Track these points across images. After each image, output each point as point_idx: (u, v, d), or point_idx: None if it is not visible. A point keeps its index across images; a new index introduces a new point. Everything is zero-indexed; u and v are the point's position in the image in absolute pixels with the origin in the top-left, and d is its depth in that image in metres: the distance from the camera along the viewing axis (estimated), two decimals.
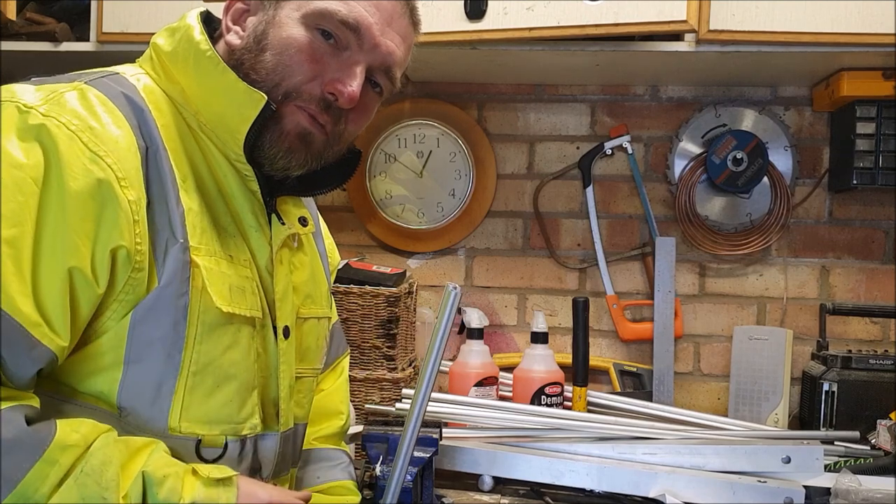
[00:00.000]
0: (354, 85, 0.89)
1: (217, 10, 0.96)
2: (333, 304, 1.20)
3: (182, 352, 0.83)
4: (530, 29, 1.47)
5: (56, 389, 0.81)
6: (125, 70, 0.91)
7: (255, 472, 0.93)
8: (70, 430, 0.75)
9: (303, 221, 1.02)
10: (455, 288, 0.88)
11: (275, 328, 0.94)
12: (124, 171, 0.79)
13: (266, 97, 0.86)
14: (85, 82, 0.83)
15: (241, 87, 0.87)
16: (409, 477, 1.07)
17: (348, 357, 1.29)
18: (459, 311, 1.88)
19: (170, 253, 0.82)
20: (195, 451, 0.85)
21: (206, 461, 0.85)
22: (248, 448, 0.91)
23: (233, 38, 0.91)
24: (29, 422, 0.73)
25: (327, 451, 1.17)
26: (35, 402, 0.76)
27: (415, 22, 0.96)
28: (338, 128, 0.92)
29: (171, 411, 0.83)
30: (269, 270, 0.94)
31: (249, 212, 0.92)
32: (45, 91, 0.80)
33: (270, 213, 0.95)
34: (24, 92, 0.79)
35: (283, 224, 0.96)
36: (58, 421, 0.76)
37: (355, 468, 1.20)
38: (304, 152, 0.91)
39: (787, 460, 1.31)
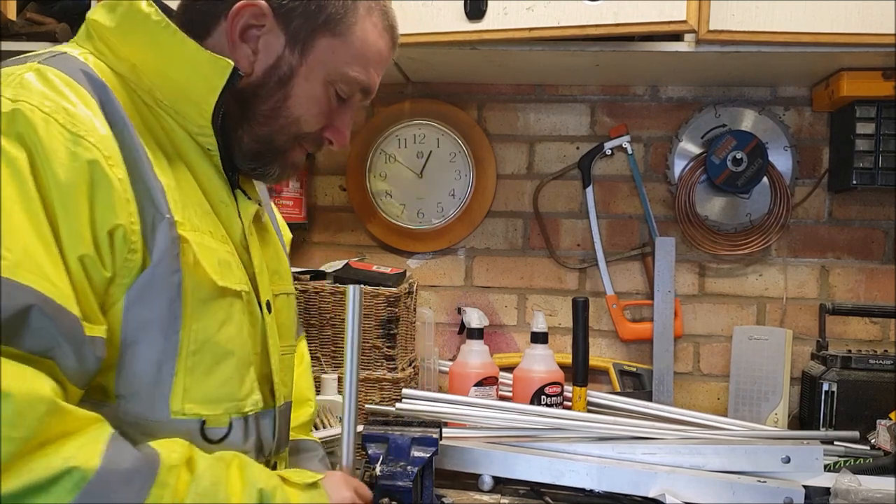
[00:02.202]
0: (349, 131, 0.98)
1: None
2: None
3: (179, 331, 0.81)
4: (530, 29, 1.47)
5: None
6: (68, 50, 0.87)
7: (259, 451, 0.93)
8: (167, 450, 0.76)
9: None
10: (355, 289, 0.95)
11: (259, 304, 0.94)
12: (108, 149, 0.77)
13: (233, 63, 0.86)
14: (39, 62, 0.80)
15: (205, 56, 0.85)
16: (409, 477, 1.07)
17: (305, 341, 1.31)
18: (459, 311, 1.88)
19: (158, 230, 0.80)
20: (200, 432, 0.84)
21: (211, 442, 0.85)
22: (252, 426, 0.90)
23: (242, 60, 0.90)
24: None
25: (304, 441, 1.18)
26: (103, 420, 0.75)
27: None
28: (318, 150, 1.00)
29: (173, 394, 0.81)
30: (244, 246, 0.94)
31: (218, 187, 0.92)
32: (4, 77, 0.77)
33: (234, 189, 0.95)
34: None
35: (249, 199, 0.97)
36: (151, 443, 0.76)
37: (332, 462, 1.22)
38: (294, 174, 1.03)
39: (787, 460, 1.31)
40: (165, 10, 0.91)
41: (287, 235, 1.21)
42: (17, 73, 0.78)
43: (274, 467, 0.98)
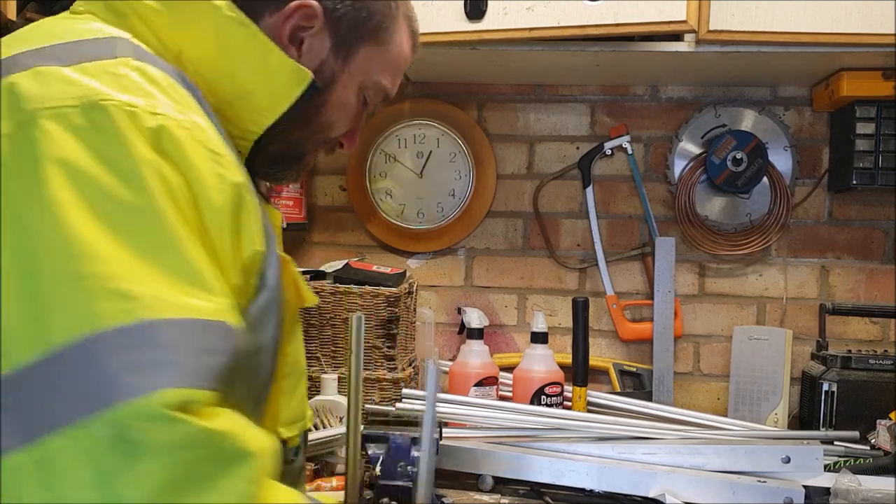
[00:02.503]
0: (357, 136, 0.95)
1: None
2: None
3: (277, 355, 0.78)
4: (530, 29, 1.47)
5: None
6: (119, 35, 0.74)
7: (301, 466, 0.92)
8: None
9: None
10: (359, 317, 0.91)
11: None
12: (239, 170, 0.70)
13: (311, 75, 0.81)
14: (132, 58, 0.69)
15: (288, 66, 0.80)
16: (409, 477, 1.07)
17: None
18: (459, 311, 1.88)
19: (272, 250, 0.75)
20: (281, 454, 0.80)
21: (288, 462, 0.84)
22: (302, 441, 0.89)
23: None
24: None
25: None
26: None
27: None
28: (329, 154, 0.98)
29: (266, 416, 0.78)
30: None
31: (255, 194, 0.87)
32: (107, 77, 0.65)
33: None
34: (89, 83, 0.63)
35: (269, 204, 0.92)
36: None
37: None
38: (300, 178, 0.98)
39: (787, 460, 1.31)
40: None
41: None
42: (119, 71, 0.66)
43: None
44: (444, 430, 1.25)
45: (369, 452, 1.14)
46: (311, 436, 1.28)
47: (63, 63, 0.65)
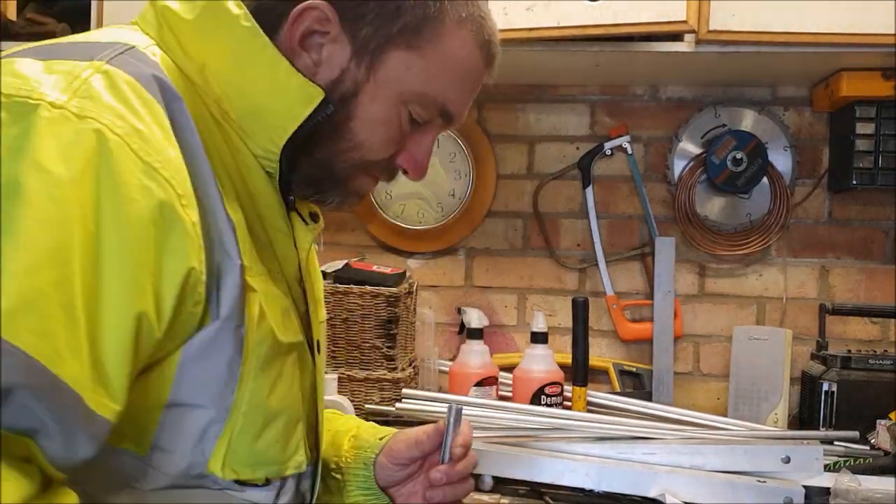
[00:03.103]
0: (427, 160, 0.84)
1: None
2: None
3: (235, 392, 0.71)
4: (530, 29, 1.47)
5: None
6: (135, 41, 0.73)
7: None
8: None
9: (314, 217, 0.87)
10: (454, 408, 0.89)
11: (309, 344, 0.83)
12: (182, 185, 0.65)
13: (324, 93, 0.74)
14: (106, 61, 0.66)
15: (295, 82, 0.74)
16: None
17: None
18: (459, 311, 1.88)
19: (226, 278, 0.68)
20: (231, 484, 0.74)
21: (239, 489, 0.75)
22: (290, 485, 0.80)
23: (301, 70, 0.76)
24: None
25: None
26: (73, 500, 0.60)
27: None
28: (392, 178, 0.87)
29: (214, 455, 0.71)
30: (297, 279, 0.82)
31: (276, 214, 0.79)
32: (66, 78, 0.63)
33: (290, 213, 0.81)
34: (38, 78, 0.62)
35: (307, 224, 0.83)
36: None
37: None
38: (358, 202, 0.86)
39: (787, 460, 1.31)
40: (260, 13, 0.78)
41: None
42: (80, 73, 0.64)
43: None
44: None
45: None
46: None
47: (39, 58, 0.64)
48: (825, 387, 1.60)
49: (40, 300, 0.55)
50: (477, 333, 1.66)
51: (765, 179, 1.79)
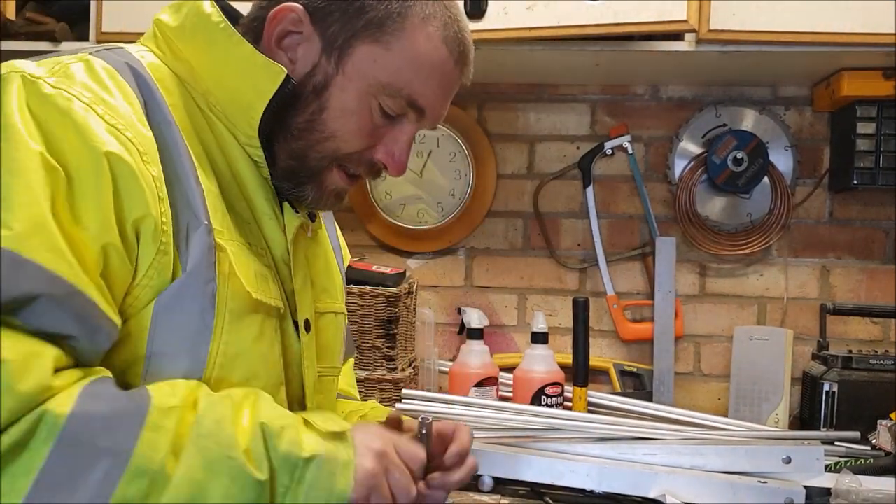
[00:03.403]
0: (405, 156, 0.88)
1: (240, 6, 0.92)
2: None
3: (209, 343, 0.77)
4: (530, 29, 1.47)
5: None
6: (128, 47, 0.85)
7: None
8: (166, 392, 0.71)
9: (311, 216, 0.95)
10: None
11: (295, 322, 0.89)
12: (144, 146, 0.74)
13: (286, 70, 0.81)
14: (89, 53, 0.78)
15: (259, 60, 0.82)
16: None
17: (351, 361, 1.26)
18: (459, 311, 1.88)
19: (193, 236, 0.76)
20: None
21: None
22: None
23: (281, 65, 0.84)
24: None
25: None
26: (109, 374, 0.71)
27: (468, 80, 0.93)
28: (376, 176, 0.93)
29: None
30: (285, 261, 0.88)
31: (263, 198, 0.86)
32: (50, 63, 0.75)
33: (282, 201, 0.89)
34: (26, 64, 0.74)
35: (297, 212, 0.90)
36: (147, 386, 0.71)
37: None
38: (336, 204, 0.92)
39: (788, 460, 1.30)
40: (231, 15, 0.88)
41: (346, 256, 1.16)
42: (64, 62, 0.76)
43: None
44: None
45: None
46: None
47: (41, 59, 0.77)
48: (826, 387, 1.59)
49: (46, 224, 0.66)
50: (477, 333, 1.65)
51: (765, 179, 1.79)
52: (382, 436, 0.81)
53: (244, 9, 0.91)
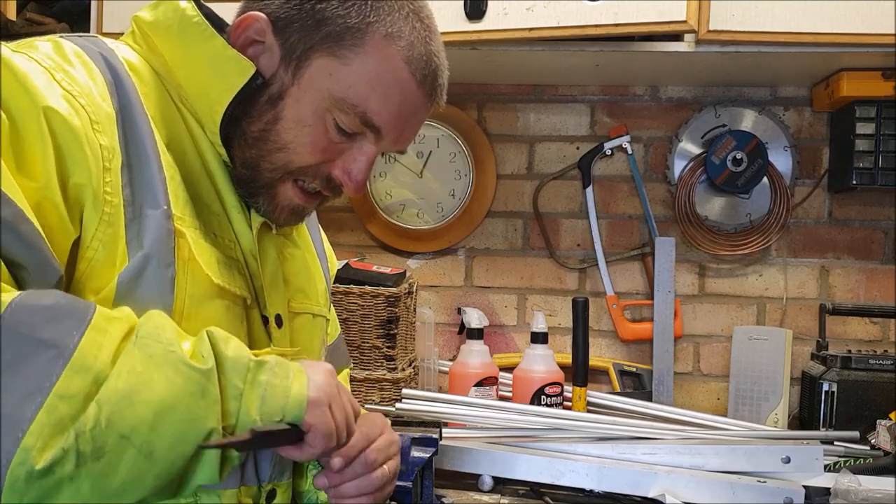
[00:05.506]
0: (362, 176, 0.87)
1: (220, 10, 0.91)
2: (333, 312, 1.16)
3: None
4: (530, 29, 1.47)
5: None
6: (103, 38, 0.86)
7: (250, 481, 0.84)
8: (110, 308, 0.72)
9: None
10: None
11: (265, 317, 0.89)
12: (98, 115, 0.75)
13: (255, 66, 0.82)
14: (60, 37, 0.80)
15: (229, 53, 0.82)
16: (409, 477, 1.07)
17: (346, 372, 1.23)
18: (459, 311, 1.88)
19: (150, 218, 0.76)
20: None
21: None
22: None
23: None
24: None
25: None
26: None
27: (438, 104, 0.93)
28: (336, 194, 0.91)
29: None
30: (253, 254, 0.88)
31: (231, 192, 0.87)
32: (21, 44, 0.77)
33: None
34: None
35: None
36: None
37: None
38: (293, 220, 0.91)
39: (787, 460, 1.31)
40: (216, 22, 0.87)
41: (333, 264, 1.16)
42: (34, 41, 0.78)
43: (272, 495, 0.88)
44: (443, 430, 1.25)
45: None
46: None
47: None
48: (825, 387, 1.60)
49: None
50: (477, 333, 1.66)
51: (765, 179, 1.79)
52: (332, 375, 0.81)
53: (231, 10, 0.90)
